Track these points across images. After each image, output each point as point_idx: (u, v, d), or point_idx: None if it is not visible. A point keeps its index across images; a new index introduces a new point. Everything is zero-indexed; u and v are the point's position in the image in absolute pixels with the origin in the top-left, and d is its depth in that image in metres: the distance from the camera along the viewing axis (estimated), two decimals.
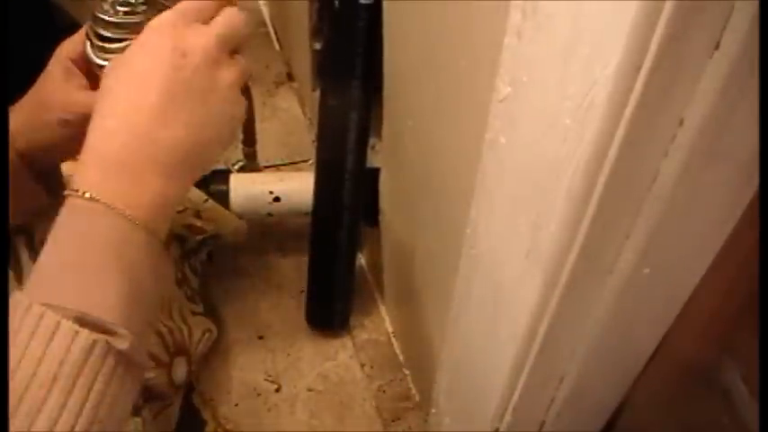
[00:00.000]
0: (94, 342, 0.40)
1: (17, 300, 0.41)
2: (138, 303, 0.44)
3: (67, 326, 0.40)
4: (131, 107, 0.45)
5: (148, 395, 0.83)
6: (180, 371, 0.89)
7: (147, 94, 0.45)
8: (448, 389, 0.81)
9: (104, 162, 0.45)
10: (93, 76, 0.58)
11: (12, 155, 0.60)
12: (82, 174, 0.45)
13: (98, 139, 0.46)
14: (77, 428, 0.39)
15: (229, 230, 1.04)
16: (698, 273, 0.53)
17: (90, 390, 0.40)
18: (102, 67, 0.55)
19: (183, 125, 0.46)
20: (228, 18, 0.50)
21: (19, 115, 0.61)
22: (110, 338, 0.41)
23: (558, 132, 0.43)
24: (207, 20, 0.49)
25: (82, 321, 0.40)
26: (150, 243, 0.45)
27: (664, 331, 0.59)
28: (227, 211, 1.04)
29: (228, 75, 0.48)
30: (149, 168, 0.45)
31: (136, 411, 0.79)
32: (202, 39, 0.47)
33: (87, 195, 0.44)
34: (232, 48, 0.50)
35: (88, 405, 0.40)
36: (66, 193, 0.45)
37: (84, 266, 0.43)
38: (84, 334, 0.40)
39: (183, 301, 0.94)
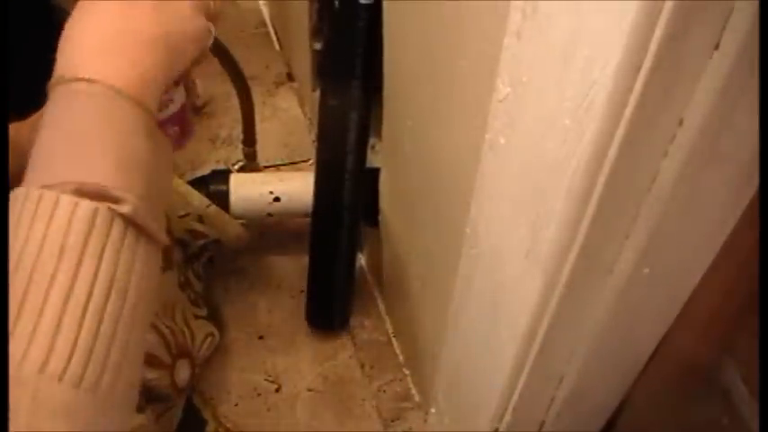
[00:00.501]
0: (96, 210, 0.39)
1: (16, 193, 0.40)
2: (138, 171, 0.43)
3: (66, 199, 0.39)
4: (99, 9, 0.47)
5: (151, 396, 0.83)
6: (183, 373, 0.89)
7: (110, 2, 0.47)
8: (448, 389, 0.81)
9: (85, 46, 0.45)
10: None
11: (21, 165, 0.60)
12: (62, 61, 0.45)
13: (75, 33, 0.46)
14: (95, 298, 0.38)
15: (231, 237, 1.04)
16: (698, 273, 0.53)
17: (100, 258, 0.39)
18: None
19: (153, 12, 0.47)
20: None
21: (33, 131, 0.60)
22: (111, 204, 0.40)
23: (558, 133, 0.43)
24: None
25: (81, 192, 0.39)
26: (141, 113, 0.45)
27: (664, 331, 0.59)
28: (229, 217, 1.03)
29: None
30: (132, 40, 0.46)
31: (139, 409, 0.79)
32: None
33: (71, 77, 0.44)
34: None
35: (102, 274, 0.39)
36: (49, 85, 0.44)
37: (76, 141, 0.42)
38: (85, 203, 0.39)
39: (186, 305, 0.94)
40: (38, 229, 0.38)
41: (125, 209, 0.40)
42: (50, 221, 0.38)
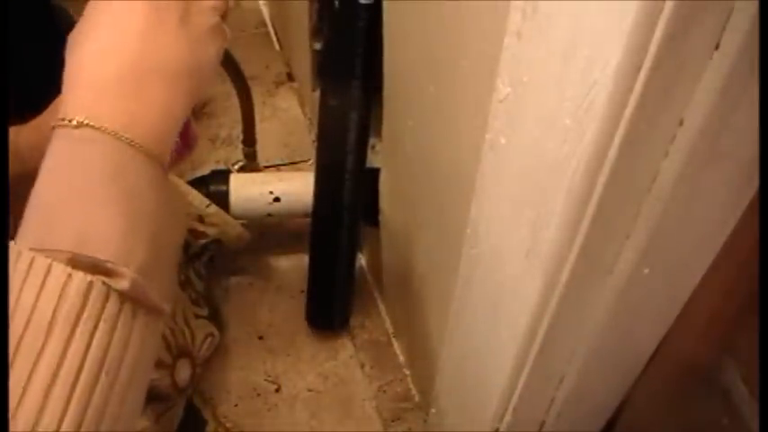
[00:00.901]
0: (90, 284, 0.36)
1: (10, 249, 0.37)
2: (141, 236, 0.39)
3: (60, 269, 0.36)
4: (118, 25, 0.42)
5: (151, 396, 0.83)
6: (183, 373, 0.89)
7: (131, 14, 0.42)
8: (448, 389, 0.81)
9: (97, 83, 0.41)
10: None
11: (21, 170, 0.59)
12: (70, 99, 0.41)
13: (87, 61, 0.41)
14: (84, 376, 0.36)
15: (232, 237, 1.04)
16: (698, 273, 0.53)
17: (92, 335, 0.36)
18: None
19: (178, 37, 0.43)
20: None
21: (33, 134, 0.59)
22: (107, 279, 0.37)
23: (558, 133, 0.43)
24: None
25: (75, 262, 0.37)
26: (152, 168, 0.41)
27: (664, 331, 0.59)
28: (230, 218, 1.04)
29: (206, 1, 0.46)
30: (154, 77, 0.41)
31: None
32: None
33: (76, 121, 0.39)
34: None
35: (92, 352, 0.36)
36: (52, 124, 0.40)
37: (75, 199, 0.39)
38: (79, 276, 0.36)
39: (186, 304, 0.94)
40: (27, 296, 0.36)
41: (122, 285, 0.37)
42: (41, 290, 0.36)
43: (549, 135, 0.44)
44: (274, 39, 1.50)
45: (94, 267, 0.37)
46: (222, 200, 1.05)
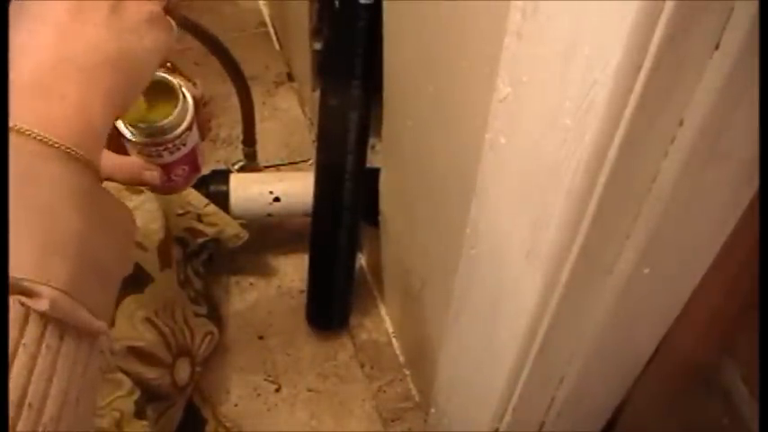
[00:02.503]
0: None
1: None
2: (63, 251, 0.35)
3: None
4: (33, 21, 0.39)
5: (151, 396, 0.83)
6: (183, 372, 0.89)
7: (50, 7, 0.39)
8: (448, 389, 0.81)
9: (14, 81, 0.37)
10: (119, 146, 0.53)
11: None
12: None
13: (12, 49, 0.38)
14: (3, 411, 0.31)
15: (230, 236, 1.04)
16: (698, 273, 0.53)
17: (11, 363, 0.32)
18: (129, 140, 0.49)
19: (98, 25, 0.39)
20: None
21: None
22: (25, 299, 0.33)
23: (558, 133, 0.43)
24: None
25: None
26: (75, 173, 0.37)
27: (664, 331, 0.59)
28: (228, 217, 1.04)
29: None
30: (66, 74, 0.38)
31: (141, 414, 0.79)
32: None
33: None
34: None
35: (13, 381, 0.32)
36: None
37: None
38: None
39: (185, 303, 0.94)
40: None
41: (41, 305, 0.33)
42: None
43: (549, 135, 0.44)
44: (274, 39, 1.49)
45: (12, 287, 0.33)
46: (222, 200, 1.05)
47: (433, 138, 0.73)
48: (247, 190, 1.08)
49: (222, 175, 1.09)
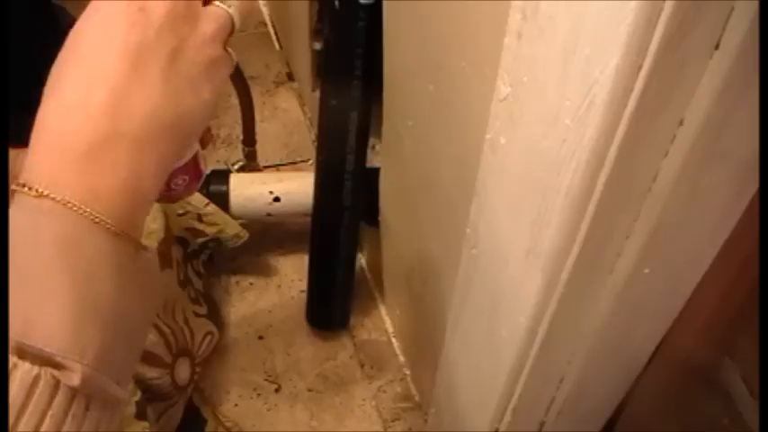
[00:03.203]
0: (37, 377, 0.33)
1: None
2: (97, 323, 0.35)
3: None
4: (86, 77, 0.37)
5: (152, 395, 0.83)
6: (183, 372, 0.89)
7: (104, 59, 0.37)
8: (448, 389, 0.81)
9: (58, 147, 0.36)
10: None
11: None
12: (31, 164, 0.36)
13: (50, 120, 0.37)
14: None
15: (230, 236, 1.04)
16: (698, 273, 0.53)
17: (37, 429, 0.32)
18: None
19: (154, 88, 0.37)
20: None
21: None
22: (56, 372, 0.33)
23: (558, 132, 0.43)
24: None
25: (22, 351, 0.33)
26: (116, 243, 0.36)
27: (664, 331, 0.59)
28: (228, 217, 1.04)
29: (205, 27, 0.40)
30: (119, 147, 0.36)
31: (141, 415, 0.79)
32: None
33: (35, 191, 0.35)
34: None
35: None
36: (12, 188, 0.36)
37: (25, 281, 0.34)
38: (25, 367, 0.32)
39: (185, 303, 0.94)
40: None
41: (72, 381, 0.33)
42: None
43: (548, 135, 0.44)
44: (274, 39, 1.49)
45: (43, 359, 0.33)
46: (222, 200, 1.05)
47: (433, 138, 0.73)
48: (247, 190, 1.08)
49: (222, 175, 1.09)
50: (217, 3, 0.42)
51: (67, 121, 0.36)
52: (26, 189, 0.35)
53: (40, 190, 0.35)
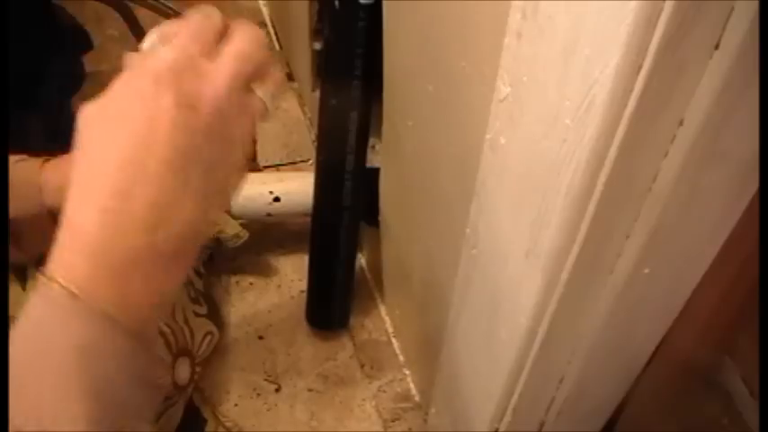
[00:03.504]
0: None
1: None
2: (109, 418, 0.35)
3: None
4: (126, 181, 0.35)
5: None
6: (183, 372, 0.89)
7: (145, 162, 0.35)
8: (448, 389, 0.81)
9: (94, 255, 0.35)
10: None
11: (41, 207, 0.58)
12: (61, 258, 0.36)
13: (85, 222, 0.36)
14: None
15: (230, 236, 1.04)
16: (698, 273, 0.53)
17: None
18: None
19: (190, 199, 0.36)
20: (241, 42, 0.41)
21: (53, 175, 0.59)
22: None
23: (558, 132, 0.43)
24: (213, 46, 0.41)
25: None
26: (133, 349, 0.36)
27: (664, 331, 0.59)
28: (228, 217, 1.04)
29: (243, 123, 0.40)
30: (153, 261, 0.36)
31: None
32: (212, 84, 0.38)
33: (68, 292, 0.35)
34: (246, 83, 0.41)
35: None
36: (40, 276, 0.36)
37: (41, 379, 0.34)
38: None
39: (186, 302, 0.94)
40: None
41: None
42: None
43: (548, 135, 0.44)
44: (274, 39, 1.49)
45: None
46: None
47: (433, 138, 0.73)
48: (247, 190, 1.08)
49: None
50: (259, 93, 0.41)
51: (105, 227, 0.35)
52: (55, 283, 0.35)
53: (71, 290, 0.35)
